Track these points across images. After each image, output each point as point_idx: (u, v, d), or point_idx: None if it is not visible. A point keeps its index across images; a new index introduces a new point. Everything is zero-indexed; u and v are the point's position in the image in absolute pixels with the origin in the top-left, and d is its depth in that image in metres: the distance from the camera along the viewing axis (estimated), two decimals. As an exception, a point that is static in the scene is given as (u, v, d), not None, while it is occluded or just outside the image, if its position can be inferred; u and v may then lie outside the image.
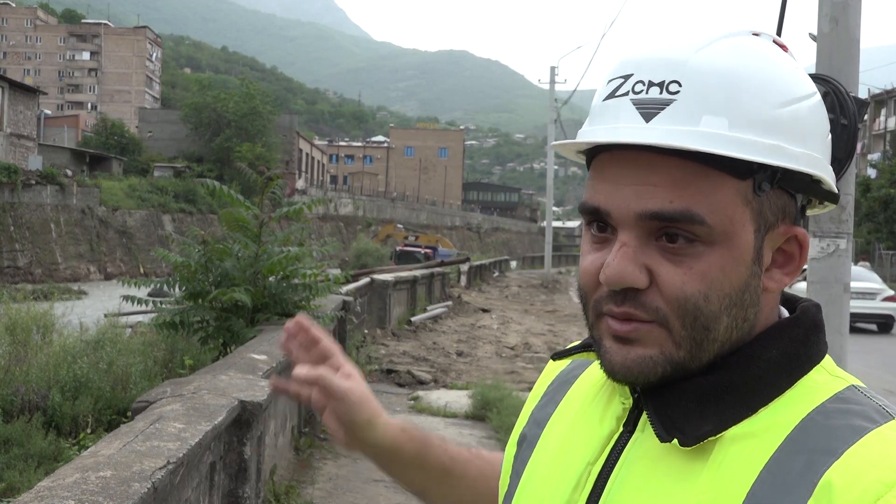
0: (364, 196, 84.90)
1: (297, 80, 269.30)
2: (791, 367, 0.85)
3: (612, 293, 0.84)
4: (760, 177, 0.83)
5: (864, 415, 0.80)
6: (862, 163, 53.56)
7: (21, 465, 6.34)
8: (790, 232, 0.87)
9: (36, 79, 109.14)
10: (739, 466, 0.80)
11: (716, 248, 0.82)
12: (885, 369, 14.21)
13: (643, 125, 0.82)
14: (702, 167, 0.81)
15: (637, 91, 0.84)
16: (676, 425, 0.84)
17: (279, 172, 7.92)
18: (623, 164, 0.84)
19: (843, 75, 4.01)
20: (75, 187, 45.47)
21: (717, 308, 0.83)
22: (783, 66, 0.86)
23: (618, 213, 0.84)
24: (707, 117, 0.81)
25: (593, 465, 0.90)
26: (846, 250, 4.12)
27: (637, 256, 0.83)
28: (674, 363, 0.84)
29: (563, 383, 1.05)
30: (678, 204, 0.81)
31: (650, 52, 0.85)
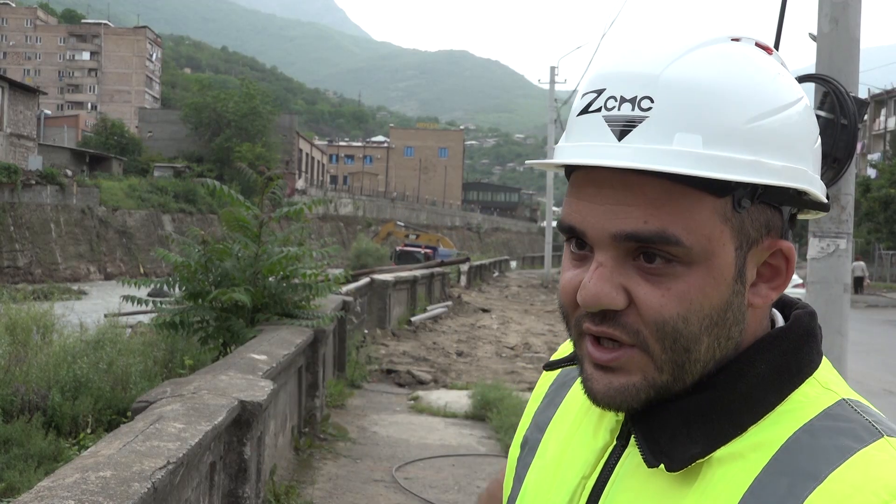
0: (364, 196, 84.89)
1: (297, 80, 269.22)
2: (781, 381, 0.82)
3: (590, 314, 0.82)
4: (740, 193, 0.80)
5: (853, 433, 0.77)
6: (862, 163, 53.55)
7: (21, 465, 6.34)
8: (775, 246, 0.84)
9: (36, 79, 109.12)
10: (723, 489, 0.78)
11: (694, 268, 0.79)
12: (885, 369, 14.21)
13: (615, 144, 0.79)
14: (677, 186, 0.78)
15: (609, 107, 0.81)
16: (664, 450, 0.82)
17: (279, 172, 7.91)
18: (598, 183, 0.81)
19: (843, 75, 4.01)
20: (75, 187, 45.47)
21: (696, 329, 0.80)
22: (764, 73, 0.82)
23: (593, 233, 0.81)
24: (680, 135, 0.78)
25: (587, 479, 0.90)
26: (846, 250, 4.12)
27: (614, 277, 0.80)
28: (657, 387, 0.82)
29: (562, 385, 1.04)
30: (653, 224, 0.78)
31: (622, 66, 0.82)
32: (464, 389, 10.99)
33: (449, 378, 12.07)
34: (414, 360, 13.18)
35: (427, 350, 14.52)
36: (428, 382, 11.66)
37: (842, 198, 4.06)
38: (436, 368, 12.72)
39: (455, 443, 8.38)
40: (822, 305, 4.13)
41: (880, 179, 43.83)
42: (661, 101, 0.78)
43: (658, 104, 0.78)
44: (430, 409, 9.82)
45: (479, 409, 9.45)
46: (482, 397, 9.61)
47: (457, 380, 11.94)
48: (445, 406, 9.81)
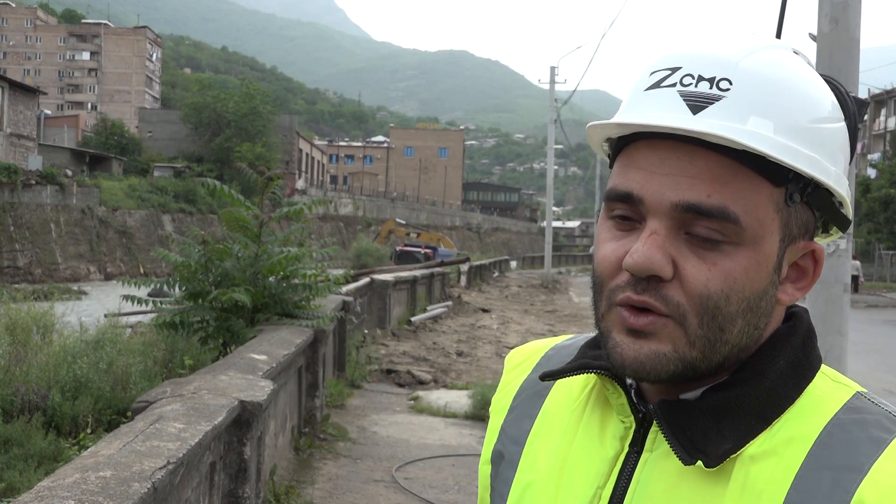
0: (364, 196, 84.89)
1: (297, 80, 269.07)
2: (797, 376, 0.86)
3: (632, 281, 0.83)
4: (792, 187, 0.84)
5: (879, 424, 0.81)
6: (862, 163, 53.53)
7: (21, 465, 6.34)
8: (809, 247, 0.88)
9: (36, 79, 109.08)
10: (765, 486, 0.80)
11: (742, 249, 0.82)
12: (885, 369, 14.21)
13: (690, 116, 0.81)
14: (741, 167, 0.81)
15: (685, 84, 0.83)
16: (698, 446, 0.82)
17: (279, 172, 7.91)
18: (661, 152, 0.83)
19: (843, 75, 4.01)
20: (75, 187, 45.47)
21: (735, 310, 0.82)
22: (821, 86, 0.87)
23: (652, 200, 0.82)
24: (755, 118, 0.81)
25: (603, 488, 0.89)
26: (846, 250, 4.12)
27: (665, 246, 0.82)
28: (685, 362, 0.83)
29: (533, 395, 1.02)
30: (716, 199, 0.81)
31: (701, 50, 0.85)
32: (464, 389, 10.99)
33: (449, 378, 12.07)
34: (414, 360, 13.18)
35: (427, 350, 14.52)
36: (428, 382, 11.66)
37: (842, 198, 4.06)
38: (436, 368, 12.72)
39: (455, 443, 8.38)
40: (822, 305, 4.13)
41: (880, 179, 43.83)
42: (740, 85, 0.82)
43: (736, 87, 0.82)
44: (430, 409, 9.82)
45: (479, 409, 9.45)
46: (482, 397, 9.60)
47: (457, 380, 11.94)
48: (445, 406, 9.81)
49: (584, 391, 0.97)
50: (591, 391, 0.97)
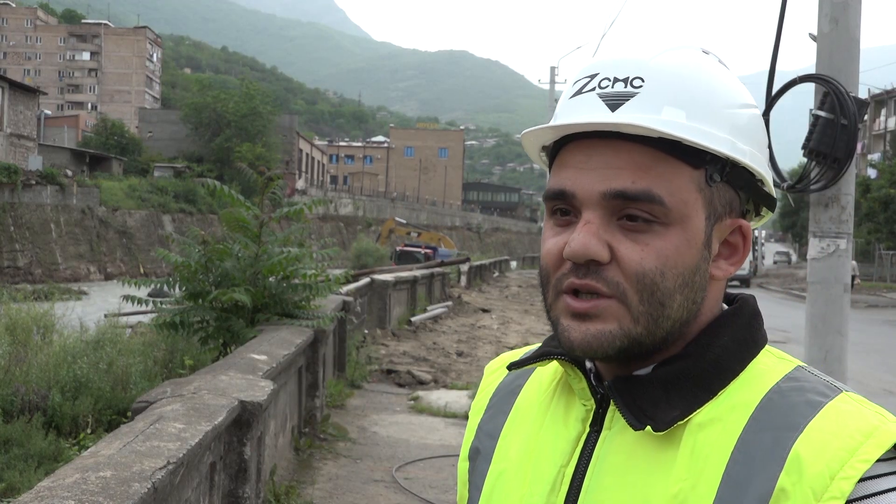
0: (364, 196, 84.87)
1: (297, 80, 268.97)
2: (742, 351, 0.92)
3: (574, 268, 0.90)
4: (711, 168, 0.90)
5: (816, 390, 0.87)
6: (862, 163, 53.51)
7: (21, 465, 6.34)
8: (736, 223, 0.95)
9: (36, 79, 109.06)
10: (711, 450, 0.86)
11: (671, 229, 0.89)
12: (885, 369, 14.21)
13: (609, 113, 0.89)
14: (661, 154, 0.89)
15: (603, 86, 0.91)
16: (647, 413, 0.89)
17: (279, 172, 7.91)
18: (588, 150, 0.90)
19: (843, 75, 4.01)
20: (75, 187, 45.46)
21: (671, 285, 0.89)
22: (730, 77, 0.95)
23: (583, 193, 0.90)
24: (668, 108, 0.89)
25: (566, 466, 0.94)
26: (846, 250, 4.12)
27: (600, 233, 0.89)
28: (631, 338, 0.89)
29: (507, 393, 1.08)
30: (640, 184, 0.88)
31: (614, 56, 0.93)
32: (464, 389, 10.99)
33: (449, 378, 12.07)
34: (414, 360, 13.18)
35: (427, 350, 14.52)
36: (428, 382, 11.66)
37: (842, 198, 4.06)
38: (436, 368, 12.72)
39: (455, 443, 8.38)
40: (822, 305, 4.13)
41: (880, 179, 43.80)
42: (651, 81, 0.90)
43: (648, 83, 0.90)
44: (431, 409, 9.82)
45: (480, 410, 9.44)
46: (482, 397, 9.60)
47: (457, 380, 11.94)
48: (445, 406, 9.81)
49: (553, 383, 1.03)
50: (558, 382, 1.03)
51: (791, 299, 32.99)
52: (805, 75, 4.10)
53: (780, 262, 72.50)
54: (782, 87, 4.06)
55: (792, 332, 18.38)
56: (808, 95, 4.17)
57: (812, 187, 4.03)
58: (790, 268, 58.94)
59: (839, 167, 3.93)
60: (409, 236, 53.45)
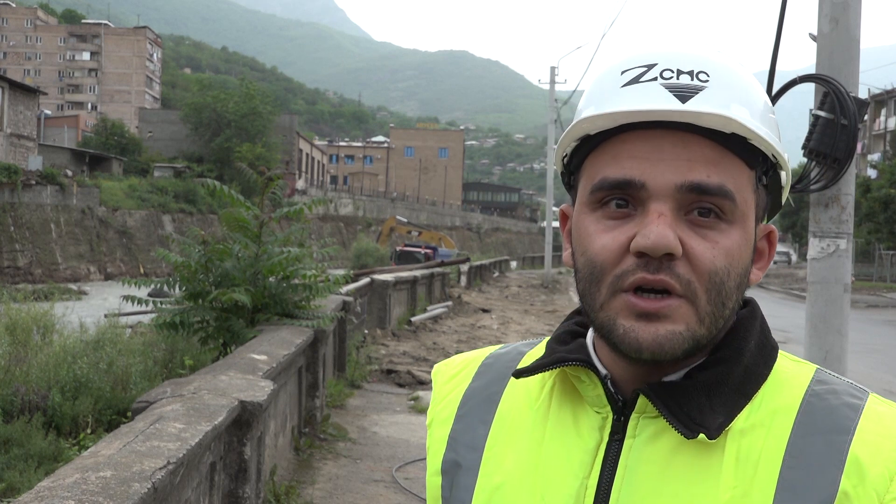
0: (364, 196, 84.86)
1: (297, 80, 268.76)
2: (766, 355, 0.93)
3: (643, 264, 0.86)
4: (759, 170, 0.91)
5: (848, 393, 0.89)
6: (862, 163, 53.51)
7: (21, 465, 6.34)
8: (767, 228, 0.95)
9: (36, 79, 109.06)
10: (760, 455, 0.85)
11: (734, 227, 0.88)
12: (885, 369, 14.21)
13: (680, 105, 0.86)
14: (726, 150, 0.87)
15: (666, 77, 0.88)
16: (696, 420, 0.86)
17: (279, 173, 7.90)
18: (654, 140, 0.87)
19: (843, 75, 4.01)
20: (75, 187, 45.46)
21: (733, 285, 0.88)
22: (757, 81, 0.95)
23: (655, 184, 0.86)
24: (735, 105, 0.88)
25: (588, 478, 0.90)
26: (846, 250, 4.12)
27: (673, 226, 0.86)
28: (696, 339, 0.87)
29: (482, 402, 1.03)
30: (715, 179, 0.86)
31: (673, 48, 0.91)
32: (464, 389, 10.98)
33: (449, 378, 12.06)
34: (414, 361, 13.18)
35: (427, 350, 14.51)
36: (428, 383, 11.66)
37: (842, 198, 4.06)
38: (436, 368, 12.72)
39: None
40: (822, 305, 4.12)
41: (880, 179, 43.80)
42: (716, 77, 0.88)
43: (713, 79, 0.88)
44: (431, 409, 9.81)
45: (480, 410, 9.44)
46: (482, 397, 9.60)
47: (457, 380, 11.93)
48: (445, 406, 9.81)
49: (544, 390, 0.99)
50: (551, 389, 0.98)
51: (791, 299, 32.98)
52: (805, 75, 4.10)
53: (780, 262, 72.49)
54: (782, 87, 4.06)
55: (792, 332, 18.38)
56: (808, 95, 4.17)
57: (812, 187, 4.03)
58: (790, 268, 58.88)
59: (839, 167, 3.93)
60: (410, 235, 53.23)
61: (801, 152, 4.02)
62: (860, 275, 41.56)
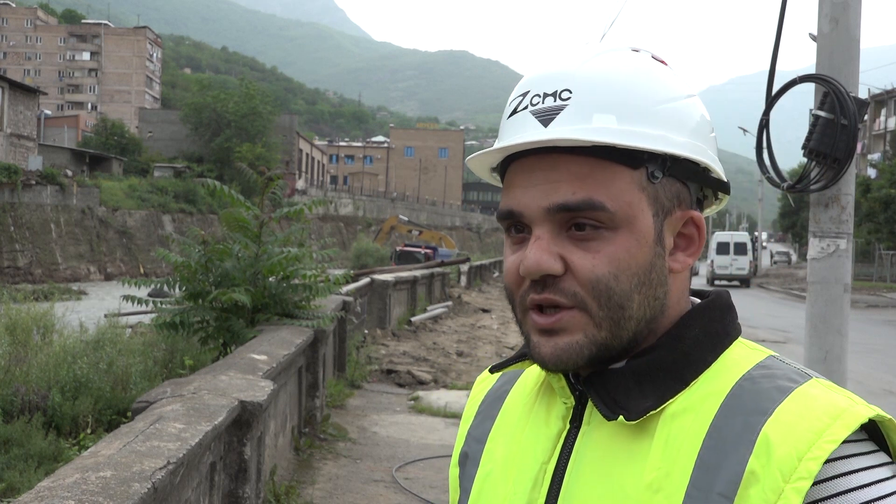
0: (364, 196, 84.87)
1: (297, 81, 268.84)
2: (713, 342, 0.94)
3: (532, 284, 0.91)
4: (652, 166, 0.91)
5: (787, 377, 0.89)
6: (862, 163, 53.50)
7: (21, 465, 6.34)
8: (686, 215, 0.96)
9: (36, 79, 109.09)
10: (685, 438, 0.88)
11: (619, 232, 0.90)
12: (885, 369, 14.20)
13: (542, 130, 0.91)
14: (599, 161, 0.90)
15: (534, 103, 0.93)
16: (620, 404, 0.91)
17: (279, 173, 7.90)
18: (529, 168, 0.92)
19: (843, 75, 4.01)
20: (75, 187, 45.46)
21: (627, 287, 0.90)
22: (661, 71, 0.96)
23: (529, 211, 0.92)
24: (597, 115, 0.90)
25: (547, 463, 0.96)
26: (846, 250, 4.12)
27: (550, 247, 0.90)
28: (598, 344, 0.91)
29: (495, 399, 1.11)
30: (580, 194, 0.89)
31: (543, 70, 0.95)
32: (464, 389, 10.98)
33: (449, 378, 12.07)
34: (414, 361, 13.18)
35: (427, 350, 14.51)
36: (428, 382, 11.66)
37: (842, 198, 4.06)
38: (436, 368, 12.72)
39: (455, 443, 8.38)
40: (822, 305, 4.12)
41: (880, 179, 43.79)
42: (579, 91, 0.91)
43: (576, 93, 0.91)
44: (431, 409, 9.82)
45: (480, 410, 9.44)
46: (482, 397, 9.59)
47: (457, 380, 11.93)
48: (445, 406, 9.81)
49: (537, 385, 1.05)
50: (541, 383, 1.05)
51: (791, 299, 32.99)
52: (805, 75, 4.10)
53: (780, 262, 72.42)
54: (782, 87, 4.06)
55: (792, 332, 18.38)
56: (808, 95, 4.17)
57: (812, 187, 4.03)
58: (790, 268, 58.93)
59: (839, 167, 3.93)
60: (410, 235, 53.08)
61: (802, 152, 4.02)
62: (860, 275, 41.54)
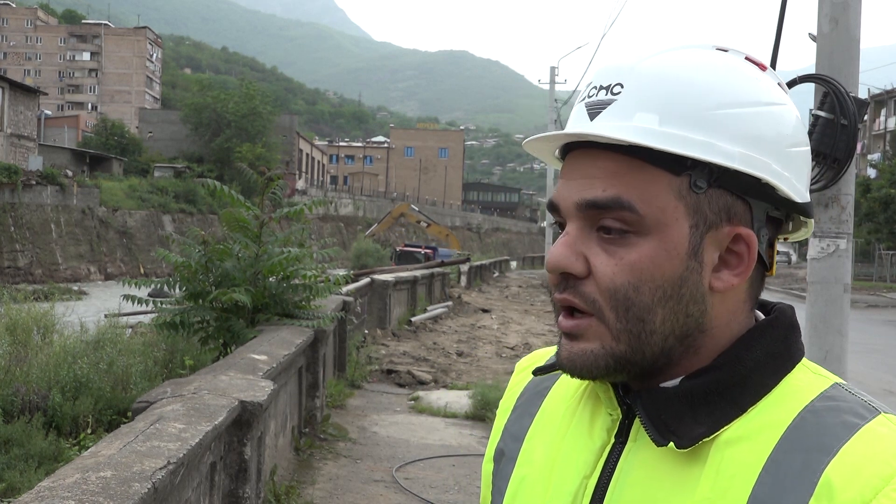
0: (364, 196, 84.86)
1: (297, 81, 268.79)
2: (775, 366, 0.87)
3: (557, 282, 0.89)
4: (696, 174, 0.85)
5: (853, 411, 0.82)
6: (862, 163, 53.50)
7: (21, 465, 6.34)
8: (734, 231, 0.87)
9: (36, 79, 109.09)
10: (738, 469, 0.82)
11: (648, 238, 0.85)
12: (885, 369, 14.21)
13: (587, 123, 0.88)
14: (637, 161, 0.85)
15: (590, 95, 0.90)
16: (670, 428, 0.85)
17: (279, 173, 7.90)
18: (575, 161, 0.90)
19: (843, 75, 4.01)
20: (75, 188, 45.46)
21: (648, 300, 0.85)
22: (739, 73, 0.87)
23: (563, 204, 0.89)
24: (640, 114, 0.85)
25: (589, 478, 0.91)
26: (846, 250, 4.12)
27: (576, 244, 0.87)
28: (616, 357, 0.86)
29: (534, 395, 1.06)
30: (609, 192, 0.85)
31: (608, 62, 0.92)
32: (464, 389, 10.98)
33: (449, 378, 12.07)
34: (414, 361, 13.18)
35: (427, 350, 14.51)
36: (428, 382, 11.66)
37: (842, 198, 4.06)
38: (436, 369, 12.72)
39: (455, 443, 8.38)
40: (822, 305, 4.12)
41: (880, 179, 43.80)
42: (630, 87, 0.87)
43: (627, 89, 0.87)
44: (431, 409, 9.82)
45: (480, 410, 9.45)
46: (482, 397, 9.60)
47: (457, 380, 11.94)
48: (446, 406, 9.81)
49: (580, 388, 1.00)
50: (586, 387, 0.99)
51: (791, 299, 32.98)
52: (805, 75, 4.10)
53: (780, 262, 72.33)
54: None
55: (792, 332, 18.36)
56: (808, 95, 4.17)
57: (812, 187, 4.02)
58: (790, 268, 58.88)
59: (839, 167, 3.93)
60: (419, 224, 52.66)
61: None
62: (860, 275, 41.54)
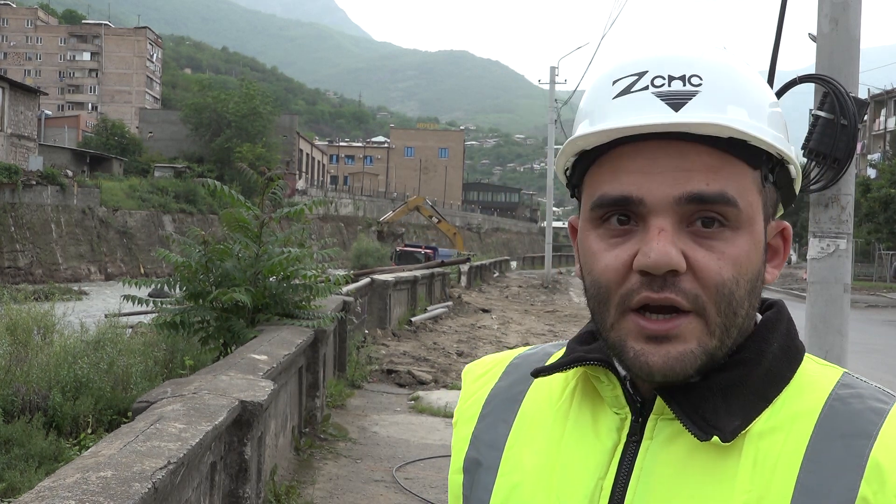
0: (364, 196, 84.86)
1: (298, 81, 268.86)
2: (790, 358, 0.90)
3: (646, 282, 0.83)
4: (765, 169, 0.88)
5: (874, 397, 0.86)
6: (862, 163, 53.50)
7: (22, 465, 6.34)
8: (781, 225, 0.92)
9: (36, 79, 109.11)
10: (778, 460, 0.83)
11: (740, 233, 0.85)
12: (885, 369, 14.21)
13: (673, 113, 0.83)
14: (726, 154, 0.84)
15: (658, 84, 0.85)
16: (711, 423, 0.84)
17: (279, 173, 7.90)
18: (649, 153, 0.85)
19: (843, 75, 4.01)
20: (76, 188, 45.46)
21: (744, 293, 0.86)
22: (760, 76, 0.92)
23: (653, 199, 0.84)
24: (731, 107, 0.85)
25: (604, 479, 0.89)
26: (846, 250, 4.12)
27: (675, 241, 0.84)
28: (708, 353, 0.85)
29: (506, 401, 1.02)
30: (714, 186, 0.83)
31: (662, 53, 0.88)
32: (464, 389, 10.97)
33: (449, 378, 12.07)
34: (414, 361, 13.18)
35: (427, 350, 14.51)
36: (428, 382, 11.66)
37: (842, 198, 4.06)
38: (436, 369, 12.72)
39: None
40: (822, 305, 4.13)
41: (880, 179, 43.79)
42: (709, 79, 0.85)
43: (707, 81, 0.85)
44: (431, 409, 9.82)
45: (480, 410, 9.44)
46: (482, 397, 9.59)
47: (457, 380, 11.93)
48: (446, 406, 9.81)
49: (566, 391, 0.98)
50: (573, 389, 0.97)
51: (791, 299, 32.96)
52: (805, 75, 4.10)
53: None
54: (782, 87, 4.06)
55: (792, 332, 18.36)
56: (808, 95, 4.17)
57: (812, 187, 4.03)
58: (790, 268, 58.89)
59: (839, 167, 3.93)
60: (431, 220, 53.83)
61: (801, 152, 4.02)
62: (860, 275, 41.53)
